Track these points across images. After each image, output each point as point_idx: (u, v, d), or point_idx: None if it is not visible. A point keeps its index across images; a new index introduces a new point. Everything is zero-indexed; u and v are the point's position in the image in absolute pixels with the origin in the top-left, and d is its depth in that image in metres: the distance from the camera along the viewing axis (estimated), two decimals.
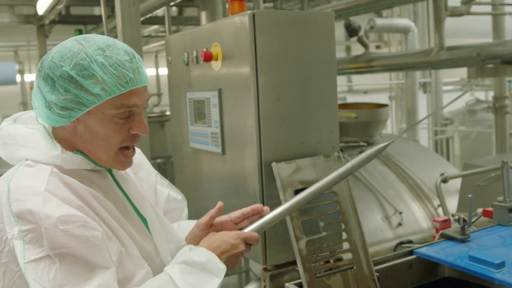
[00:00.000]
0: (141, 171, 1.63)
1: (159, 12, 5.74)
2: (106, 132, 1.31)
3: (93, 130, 1.32)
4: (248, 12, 2.07)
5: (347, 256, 2.09)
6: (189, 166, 2.69)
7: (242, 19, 2.08)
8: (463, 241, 2.24)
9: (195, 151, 2.56)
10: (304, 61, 2.16)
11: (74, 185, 1.29)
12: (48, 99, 1.30)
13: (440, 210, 4.43)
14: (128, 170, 1.52)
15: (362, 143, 4.94)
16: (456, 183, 4.15)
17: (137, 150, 1.62)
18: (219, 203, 1.57)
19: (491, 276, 1.91)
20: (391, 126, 10.60)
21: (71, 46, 1.30)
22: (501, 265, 1.93)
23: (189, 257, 1.33)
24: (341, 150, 4.93)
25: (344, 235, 2.10)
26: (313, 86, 2.18)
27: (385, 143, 1.73)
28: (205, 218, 1.55)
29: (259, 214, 1.56)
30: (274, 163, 2.06)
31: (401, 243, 2.83)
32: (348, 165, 1.69)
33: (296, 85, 2.15)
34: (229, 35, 2.19)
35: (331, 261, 2.10)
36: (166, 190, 1.74)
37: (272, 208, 1.59)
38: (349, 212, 2.12)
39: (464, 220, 2.23)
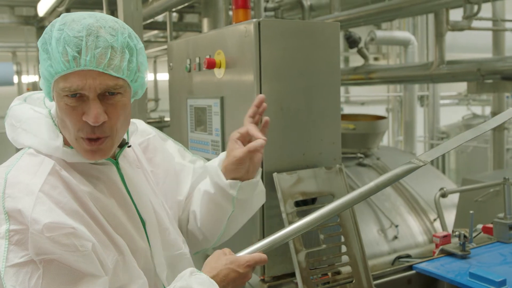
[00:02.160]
0: (156, 155, 1.55)
1: (160, 17, 5.72)
2: (61, 110, 1.22)
3: (58, 109, 1.24)
4: (254, 20, 2.05)
5: (347, 269, 2.06)
6: None
7: (247, 27, 2.07)
8: (463, 257, 2.22)
9: None
10: (308, 71, 2.14)
11: (73, 186, 1.23)
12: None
13: (436, 224, 4.42)
14: (141, 156, 1.47)
15: (359, 155, 4.94)
16: (453, 197, 4.13)
17: (153, 131, 1.59)
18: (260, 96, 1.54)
19: None
20: (387, 138, 10.60)
21: (56, 19, 1.24)
22: (502, 283, 1.91)
23: (189, 284, 1.25)
24: None
25: (344, 248, 2.07)
26: (317, 96, 2.16)
27: (409, 166, 1.53)
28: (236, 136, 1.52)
29: (263, 109, 1.54)
30: (275, 173, 2.04)
31: (399, 257, 2.81)
32: (372, 184, 1.50)
33: (299, 95, 2.13)
34: (233, 43, 2.18)
35: (329, 274, 2.08)
36: (191, 165, 1.65)
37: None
38: (349, 226, 2.10)
39: (464, 236, 2.21)
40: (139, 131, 1.52)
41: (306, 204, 2.09)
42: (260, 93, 2.05)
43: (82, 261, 1.15)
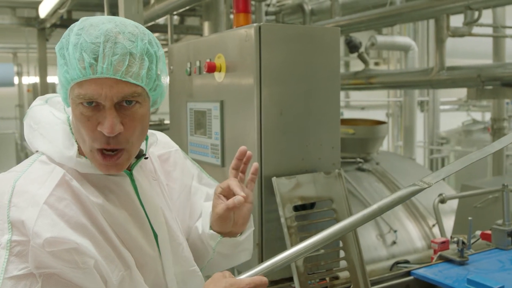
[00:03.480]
0: (176, 170, 1.51)
1: (161, 20, 5.73)
2: (77, 118, 1.17)
3: (73, 117, 1.19)
4: (254, 24, 2.06)
5: (345, 274, 2.06)
6: None
7: (248, 32, 2.07)
8: (461, 263, 2.22)
9: None
10: (308, 76, 2.14)
11: (83, 197, 1.19)
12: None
13: (435, 230, 4.42)
14: (159, 169, 1.43)
15: (359, 159, 4.94)
16: (452, 203, 4.14)
17: (174, 147, 1.55)
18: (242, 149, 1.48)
19: None
20: (387, 143, 10.61)
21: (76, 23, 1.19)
22: None
23: None
24: None
25: (342, 253, 2.07)
26: (316, 101, 2.16)
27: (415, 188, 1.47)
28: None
29: (247, 158, 1.48)
30: (274, 177, 2.04)
31: (397, 262, 2.81)
32: (375, 206, 1.42)
33: (299, 99, 2.13)
34: (234, 47, 2.18)
35: (327, 279, 2.08)
36: (205, 189, 1.60)
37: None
38: None
39: (463, 242, 2.21)
40: (161, 143, 1.50)
41: (305, 208, 2.09)
42: (260, 97, 2.05)
43: (83, 278, 1.13)
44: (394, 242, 4.37)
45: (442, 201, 3.49)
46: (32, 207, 1.12)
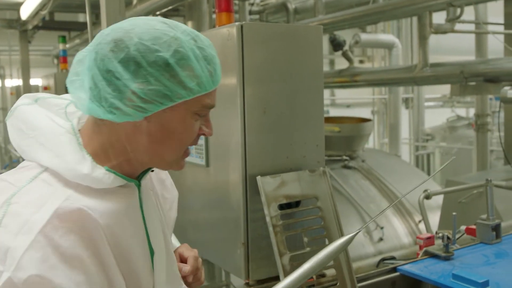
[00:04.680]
0: (168, 179, 1.48)
1: None
2: (185, 129, 1.13)
3: (170, 128, 1.11)
4: (236, 23, 2.05)
5: (331, 272, 2.07)
6: (172, 177, 2.64)
7: (230, 31, 2.07)
8: (446, 259, 2.23)
9: None
10: (292, 74, 2.14)
11: (88, 220, 1.05)
12: (127, 87, 1.05)
13: (421, 226, 4.44)
14: (154, 178, 1.37)
15: (344, 157, 4.95)
16: (438, 199, 4.16)
17: None
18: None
19: None
20: (373, 140, 10.65)
21: (164, 29, 1.09)
22: (485, 284, 1.92)
23: None
24: None
25: None
26: (300, 99, 2.16)
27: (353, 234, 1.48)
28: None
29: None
30: (259, 176, 2.03)
31: (383, 259, 2.83)
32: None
33: (283, 98, 2.13)
34: (216, 46, 2.14)
35: (314, 277, 2.08)
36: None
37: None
38: (333, 228, 2.10)
39: (448, 238, 2.23)
40: None
41: (290, 207, 2.09)
42: (243, 96, 2.05)
43: None
44: (381, 239, 4.39)
45: (427, 197, 3.51)
46: (23, 235, 0.99)
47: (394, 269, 2.20)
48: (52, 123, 1.14)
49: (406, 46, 8.64)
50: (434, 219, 4.26)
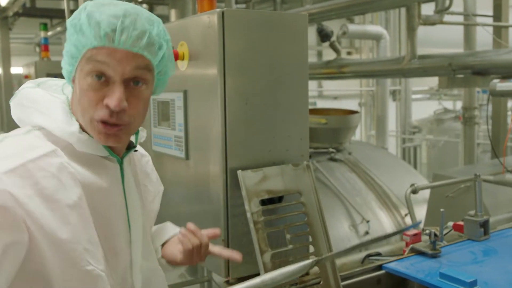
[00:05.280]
0: (153, 174, 1.53)
1: None
2: (82, 90, 1.16)
3: (77, 89, 1.19)
4: (218, 10, 1.95)
5: (314, 270, 1.99)
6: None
7: (210, 18, 1.97)
8: (433, 256, 2.16)
9: (158, 155, 2.42)
10: (275, 64, 2.05)
11: (67, 175, 1.14)
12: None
13: (407, 219, 4.39)
14: (140, 167, 1.44)
15: (331, 149, 4.89)
16: (425, 192, 4.11)
17: (147, 157, 1.53)
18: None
19: None
20: (360, 133, 10.61)
21: (108, 2, 1.19)
22: (473, 283, 1.85)
23: None
24: (309, 156, 4.87)
25: (312, 249, 2.00)
26: (284, 90, 2.07)
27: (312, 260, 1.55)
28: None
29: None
30: (240, 171, 1.95)
31: (369, 255, 2.76)
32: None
33: (265, 89, 2.04)
34: (197, 34, 2.07)
35: None
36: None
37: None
38: (317, 224, 2.02)
39: (435, 235, 2.16)
40: (140, 147, 1.49)
41: (272, 202, 2.01)
42: (224, 86, 1.95)
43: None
44: (367, 233, 4.35)
45: (414, 191, 3.45)
46: (8, 160, 1.08)
47: (380, 267, 2.13)
48: (50, 96, 1.25)
49: (394, 38, 8.58)
50: (421, 213, 4.21)
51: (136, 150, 1.37)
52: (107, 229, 1.22)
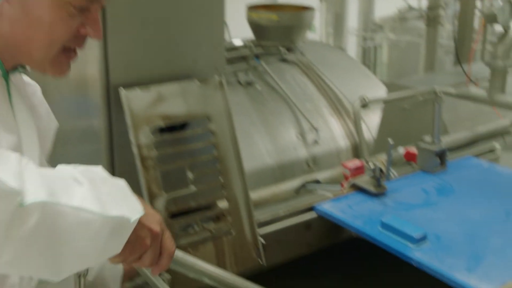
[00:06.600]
0: (42, 107, 1.30)
1: None
2: (53, 21, 1.03)
3: (34, 14, 1.03)
4: None
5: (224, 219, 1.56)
6: None
7: None
8: (377, 195, 1.76)
9: None
10: None
11: None
12: None
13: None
14: (30, 94, 1.26)
15: (282, 49, 4.46)
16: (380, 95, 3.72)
17: (33, 87, 1.31)
18: None
19: (407, 254, 1.45)
20: (319, 31, 10.05)
21: None
22: (421, 239, 1.47)
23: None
24: (257, 56, 4.29)
25: (223, 193, 1.55)
26: None
27: None
28: None
29: None
30: (121, 88, 1.44)
31: (305, 183, 2.36)
32: None
33: None
34: None
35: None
36: None
37: None
38: (230, 159, 1.57)
39: (381, 170, 1.74)
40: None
41: (171, 131, 1.52)
42: None
43: None
44: (316, 142, 4.04)
45: (364, 105, 3.04)
46: None
47: (310, 209, 1.72)
48: None
49: None
50: (375, 121, 3.85)
51: (22, 72, 1.19)
52: None
